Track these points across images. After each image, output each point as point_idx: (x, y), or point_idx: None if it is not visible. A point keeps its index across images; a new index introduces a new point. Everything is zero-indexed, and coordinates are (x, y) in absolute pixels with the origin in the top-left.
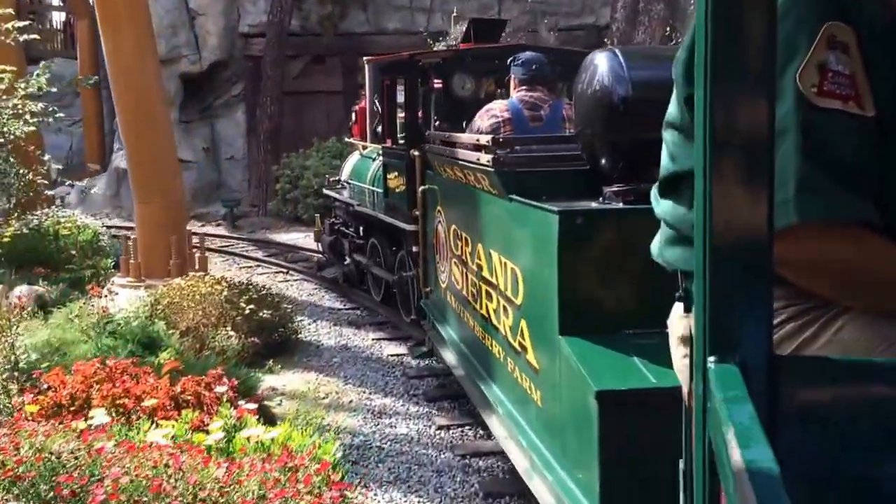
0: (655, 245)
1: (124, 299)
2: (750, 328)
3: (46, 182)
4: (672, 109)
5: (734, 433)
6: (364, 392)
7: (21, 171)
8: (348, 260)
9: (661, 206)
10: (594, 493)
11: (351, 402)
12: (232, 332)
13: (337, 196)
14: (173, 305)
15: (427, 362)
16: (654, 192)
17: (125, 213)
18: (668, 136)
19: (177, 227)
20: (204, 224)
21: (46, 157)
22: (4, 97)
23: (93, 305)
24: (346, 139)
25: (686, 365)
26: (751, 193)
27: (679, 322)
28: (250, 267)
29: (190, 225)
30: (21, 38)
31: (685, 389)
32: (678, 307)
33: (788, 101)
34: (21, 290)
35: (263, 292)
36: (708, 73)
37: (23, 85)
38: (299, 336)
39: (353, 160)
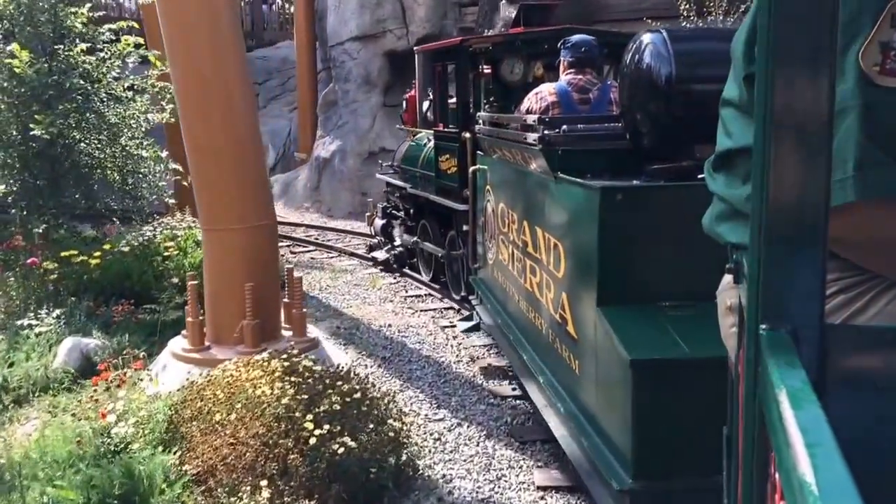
0: (707, 219)
1: (170, 380)
2: (802, 299)
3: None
4: (729, 87)
5: (786, 395)
6: None
7: (143, 173)
8: (398, 241)
9: (715, 181)
10: (628, 460)
11: None
12: (267, 493)
13: (390, 180)
14: (200, 417)
15: None
16: (707, 166)
17: (324, 208)
18: (724, 113)
19: (257, 268)
20: None
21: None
22: (133, 78)
23: (96, 401)
24: (397, 126)
25: (734, 334)
26: (808, 170)
27: (728, 292)
28: (418, 297)
29: None
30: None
31: (731, 357)
32: (728, 278)
33: (850, 79)
34: (66, 345)
35: (358, 394)
36: (770, 52)
37: (132, 59)
38: (417, 465)
39: (404, 146)
